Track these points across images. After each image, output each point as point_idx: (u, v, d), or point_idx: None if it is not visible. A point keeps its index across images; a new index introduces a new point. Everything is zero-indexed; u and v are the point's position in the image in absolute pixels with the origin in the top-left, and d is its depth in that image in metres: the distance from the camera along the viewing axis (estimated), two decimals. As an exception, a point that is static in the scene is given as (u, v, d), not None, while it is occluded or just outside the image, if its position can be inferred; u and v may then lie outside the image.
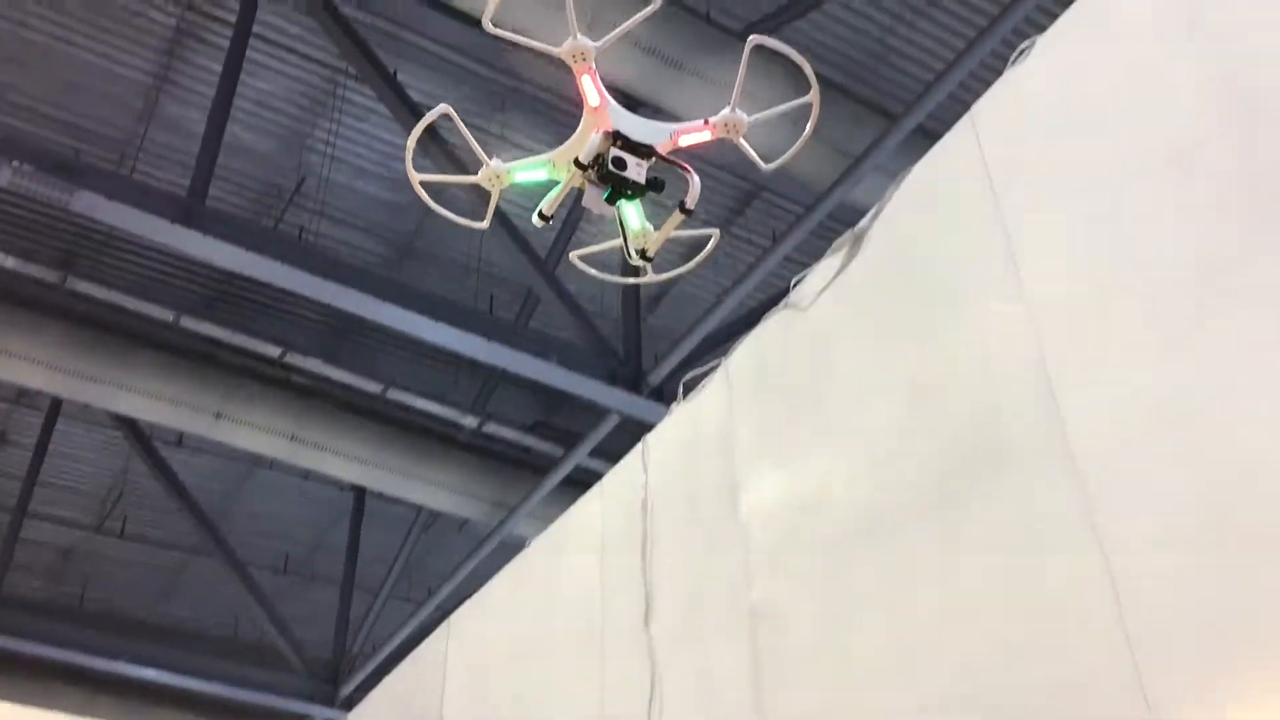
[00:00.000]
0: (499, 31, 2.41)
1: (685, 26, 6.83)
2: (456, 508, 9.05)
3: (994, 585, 3.11)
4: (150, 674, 8.84)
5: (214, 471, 9.92)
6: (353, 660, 9.47)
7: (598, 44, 2.33)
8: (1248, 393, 2.58)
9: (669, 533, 4.20)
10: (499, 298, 8.93)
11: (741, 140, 2.64)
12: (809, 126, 2.70)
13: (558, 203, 2.60)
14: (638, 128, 2.41)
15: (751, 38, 2.59)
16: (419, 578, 10.51)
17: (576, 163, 2.40)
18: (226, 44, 7.19)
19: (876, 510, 3.44)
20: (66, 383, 7.70)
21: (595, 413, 7.80)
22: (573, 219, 8.29)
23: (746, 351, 3.97)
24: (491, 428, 8.79)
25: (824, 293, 3.61)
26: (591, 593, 4.48)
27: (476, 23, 7.01)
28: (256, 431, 8.30)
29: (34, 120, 7.71)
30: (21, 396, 9.25)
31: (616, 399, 7.41)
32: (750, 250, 8.59)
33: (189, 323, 7.91)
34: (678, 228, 2.65)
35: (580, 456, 8.11)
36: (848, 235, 3.52)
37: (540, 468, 8.92)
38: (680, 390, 4.17)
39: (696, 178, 2.53)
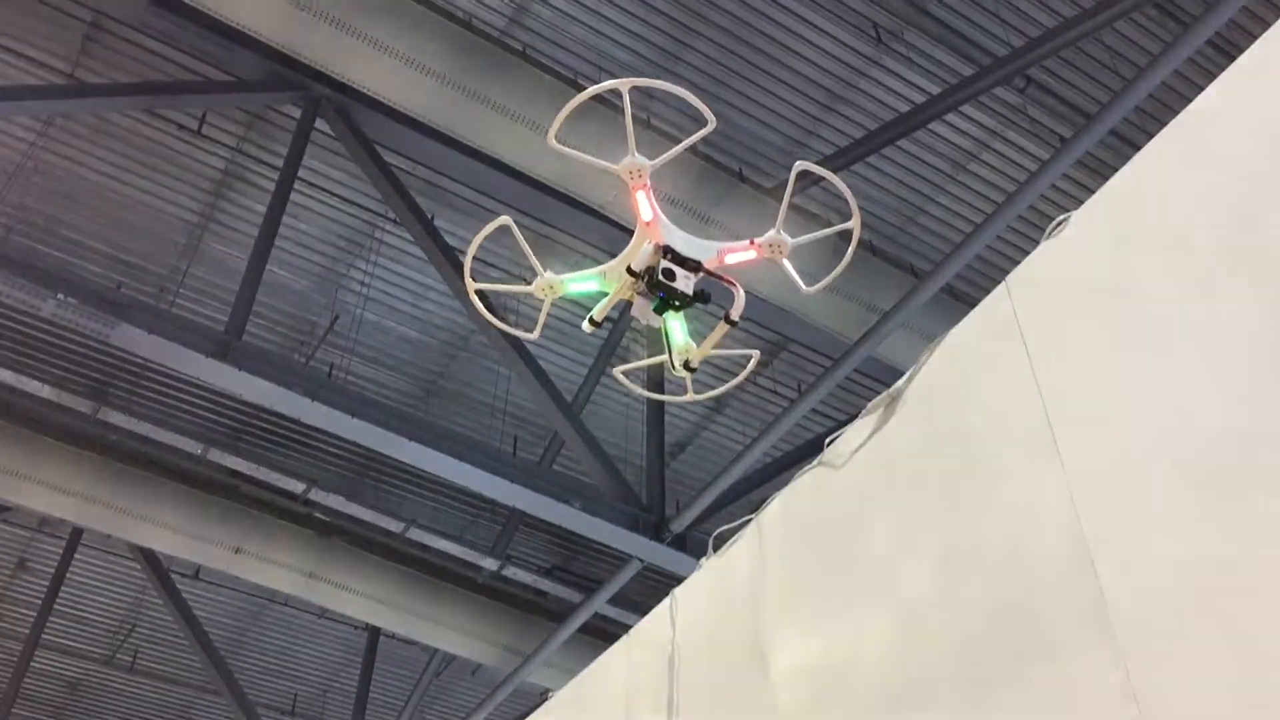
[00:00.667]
0: (561, 148, 2.50)
1: (717, 182, 7.01)
2: (471, 652, 8.91)
3: (1032, 762, 3.03)
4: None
5: (228, 606, 9.83)
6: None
7: (654, 162, 2.45)
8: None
9: (696, 690, 4.12)
10: (523, 439, 8.96)
11: (784, 261, 2.73)
12: (851, 246, 2.85)
13: (607, 309, 2.71)
14: (687, 244, 2.51)
15: (798, 164, 2.75)
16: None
17: (629, 270, 2.51)
18: (272, 186, 7.40)
19: (907, 680, 3.38)
20: (91, 512, 7.71)
21: (614, 559, 7.74)
22: (602, 353, 8.35)
23: (778, 508, 3.96)
24: (511, 571, 8.72)
25: (858, 452, 3.62)
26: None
27: (514, 172, 7.25)
28: (275, 568, 8.25)
29: (80, 254, 7.91)
30: (43, 524, 9.24)
31: (638, 546, 7.35)
32: (776, 401, 8.63)
33: (215, 455, 7.95)
34: (719, 344, 2.77)
35: (599, 603, 8.02)
36: (884, 396, 3.54)
37: (556, 613, 8.82)
38: (711, 544, 4.15)
39: (741, 291, 2.64)
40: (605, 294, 2.71)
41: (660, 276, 2.50)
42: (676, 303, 2.58)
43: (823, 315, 7.51)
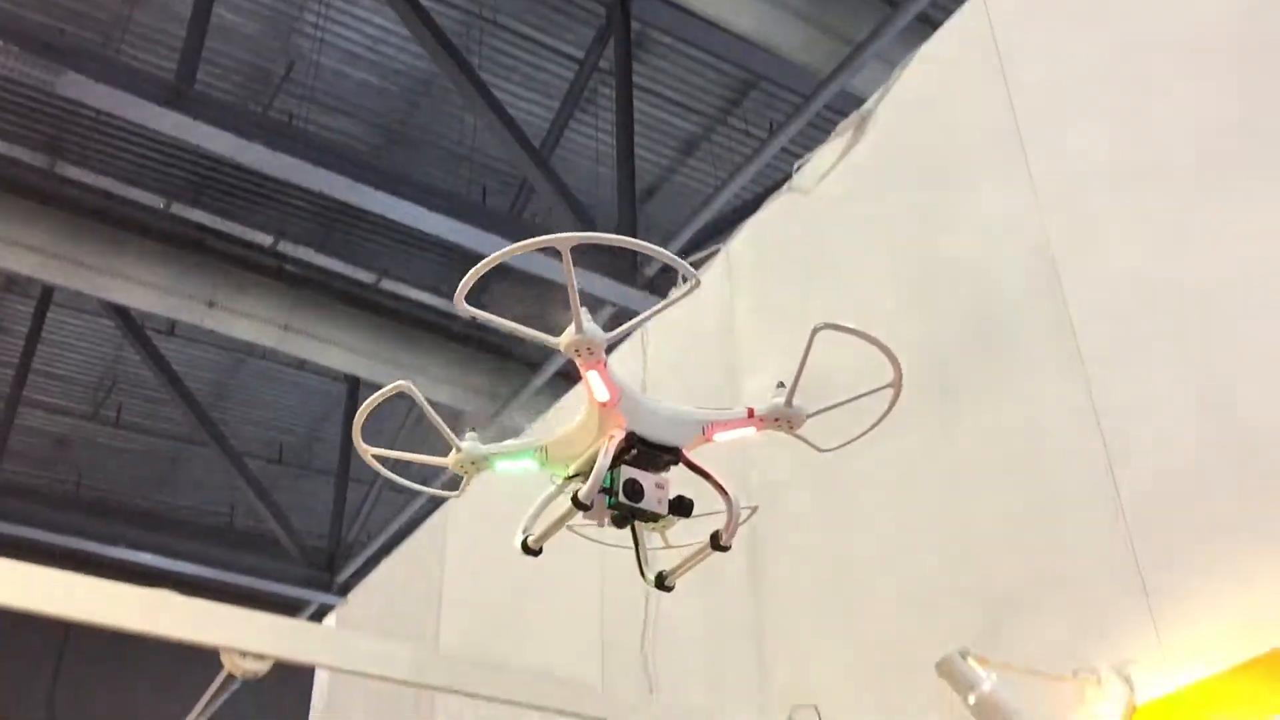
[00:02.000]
0: (477, 313, 1.81)
1: None
2: (450, 399, 9.07)
3: (993, 470, 3.14)
4: (147, 559, 8.94)
5: (207, 360, 9.91)
6: (349, 548, 9.59)
7: (610, 335, 1.77)
8: (1246, 276, 2.58)
9: (667, 418, 4.22)
10: (491, 187, 8.84)
11: (797, 434, 2.09)
12: (890, 404, 2.04)
13: (551, 533, 1.84)
14: (660, 425, 1.81)
15: (816, 324, 1.90)
16: (414, 470, 10.59)
17: (575, 502, 1.74)
18: (212, -79, 6.97)
19: (876, 397, 3.45)
20: (58, 268, 7.64)
21: (589, 303, 7.78)
22: (569, 96, 8.14)
23: (748, 236, 3.95)
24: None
25: (828, 176, 3.57)
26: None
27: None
28: (250, 321, 8.27)
29: (17, 1, 7.52)
30: (13, 285, 9.18)
31: (610, 290, 7.38)
32: (748, 142, 8.48)
33: (179, 209, 7.82)
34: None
35: (574, 348, 8.11)
36: (853, 117, 3.47)
37: (534, 360, 8.93)
38: (680, 275, 4.14)
39: (736, 504, 1.91)
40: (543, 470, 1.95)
41: (622, 496, 1.76)
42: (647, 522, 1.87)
43: (795, 49, 7.28)
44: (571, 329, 1.71)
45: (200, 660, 2.43)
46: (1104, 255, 2.90)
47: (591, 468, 1.77)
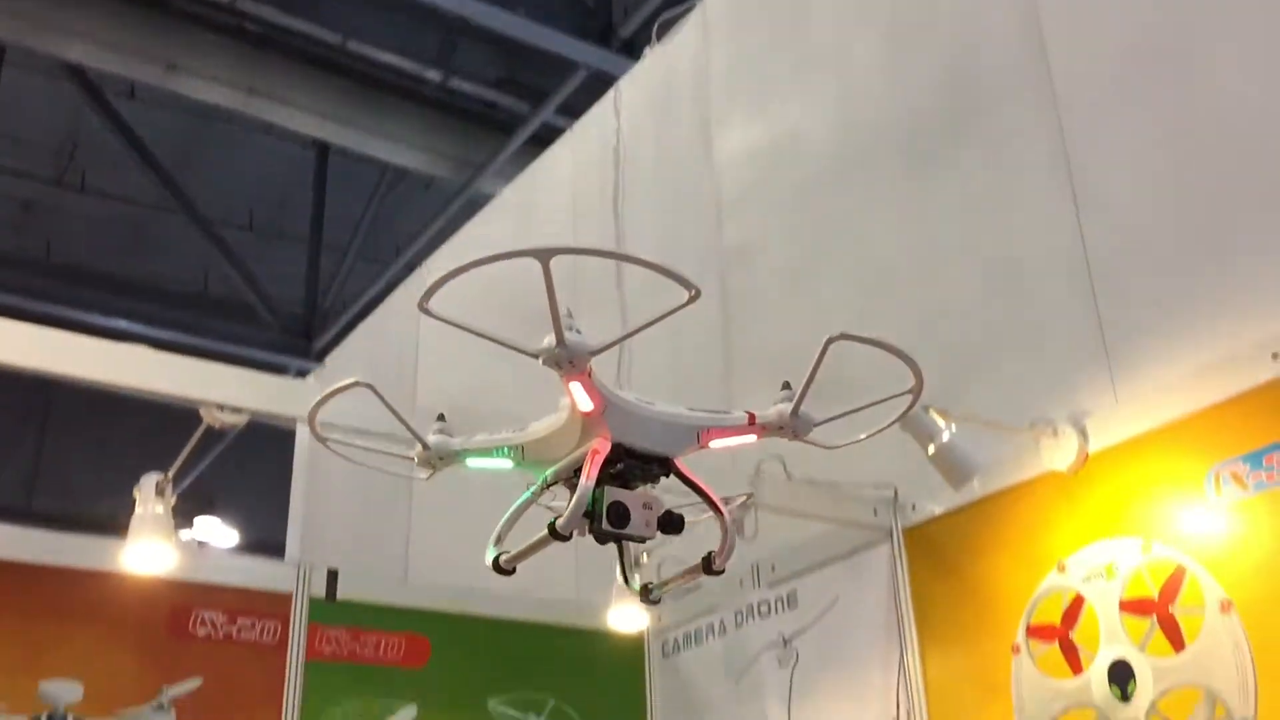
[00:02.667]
0: (444, 317, 1.51)
1: None
2: (422, 165, 8.92)
3: (963, 229, 3.15)
4: (121, 324, 8.97)
5: (170, 125, 9.65)
6: (325, 315, 9.63)
7: (596, 347, 1.48)
8: (1225, 38, 2.53)
9: (641, 180, 4.18)
10: (461, -58, 8.43)
11: (804, 440, 1.81)
12: (908, 406, 1.68)
13: (526, 556, 1.60)
14: (649, 433, 1.58)
15: (831, 335, 1.51)
16: (387, 239, 10.50)
17: (551, 532, 1.51)
18: None
19: (850, 153, 3.43)
20: (7, 24, 7.33)
21: (563, 68, 7.57)
22: None
23: (725, -10, 3.82)
24: (456, 83, 8.53)
25: (809, -75, 3.43)
26: (564, 239, 4.51)
27: None
28: (212, 84, 8.01)
29: None
30: (-39, 43, 8.82)
31: (585, 53, 7.17)
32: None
33: (132, -37, 7.44)
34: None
35: (547, 113, 7.94)
36: None
37: (507, 125, 8.73)
38: (654, 33, 4.02)
39: (731, 527, 1.65)
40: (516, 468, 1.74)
41: (606, 522, 1.53)
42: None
43: None
44: (551, 338, 1.45)
45: (180, 427, 2.47)
46: (1093, 19, 2.82)
47: (571, 474, 1.57)
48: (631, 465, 1.56)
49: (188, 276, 10.79)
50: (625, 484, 1.56)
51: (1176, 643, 2.34)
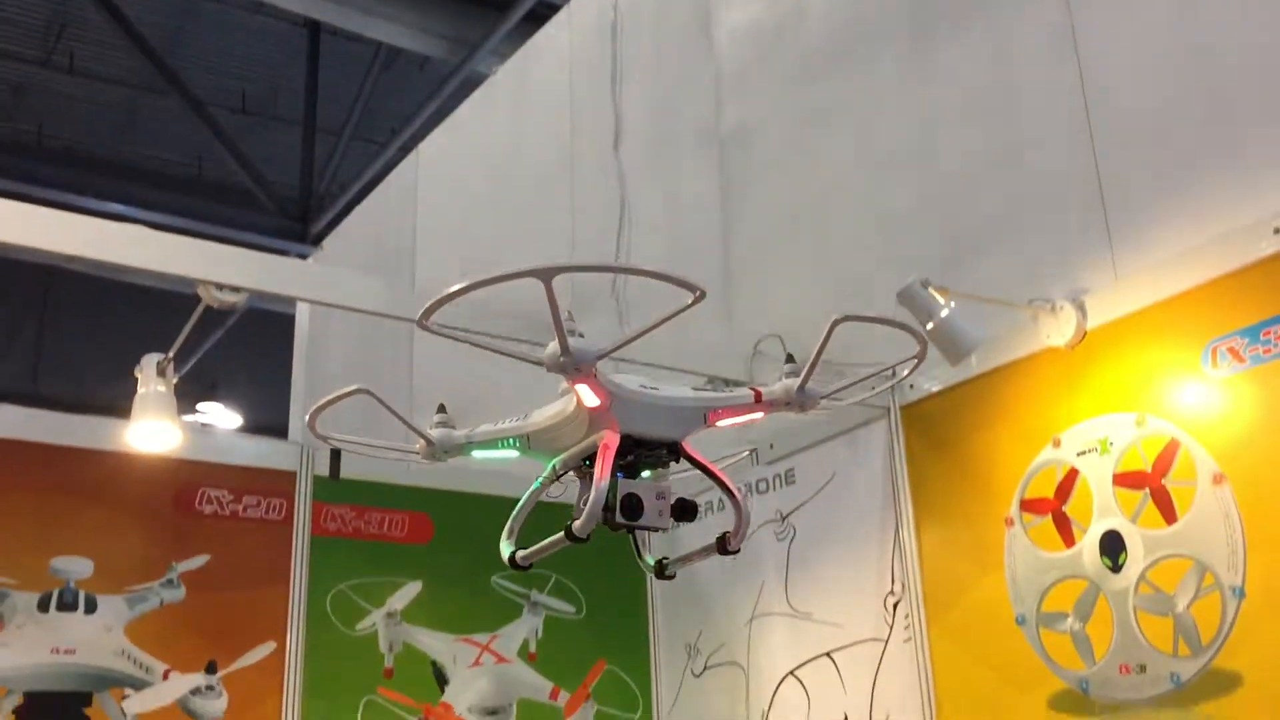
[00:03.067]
0: (444, 330, 1.46)
1: None
2: (416, 44, 8.74)
3: (966, 103, 3.11)
4: (117, 209, 8.90)
5: (158, 5, 9.45)
6: (321, 198, 9.56)
7: (602, 351, 1.45)
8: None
9: (639, 56, 4.11)
10: None
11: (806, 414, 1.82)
12: (910, 371, 1.65)
13: (543, 553, 1.58)
14: (656, 420, 1.56)
15: (836, 316, 1.58)
16: (382, 120, 10.35)
17: (568, 533, 1.51)
18: None
19: (854, 29, 3.36)
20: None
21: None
22: None
23: None
24: (449, -42, 8.32)
25: None
26: (561, 119, 4.45)
27: None
28: (198, -42, 7.82)
29: None
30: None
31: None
32: None
33: None
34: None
35: (544, -11, 7.76)
36: None
37: (501, 2, 8.54)
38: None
39: (746, 507, 1.69)
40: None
41: (621, 515, 1.53)
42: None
43: None
44: (555, 346, 1.43)
45: (181, 313, 2.46)
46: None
47: (580, 462, 1.58)
48: (641, 454, 1.56)
49: (182, 160, 10.67)
50: (636, 473, 1.57)
51: (1168, 515, 2.38)
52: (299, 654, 3.25)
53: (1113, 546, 2.48)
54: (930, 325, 2.56)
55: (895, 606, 2.99)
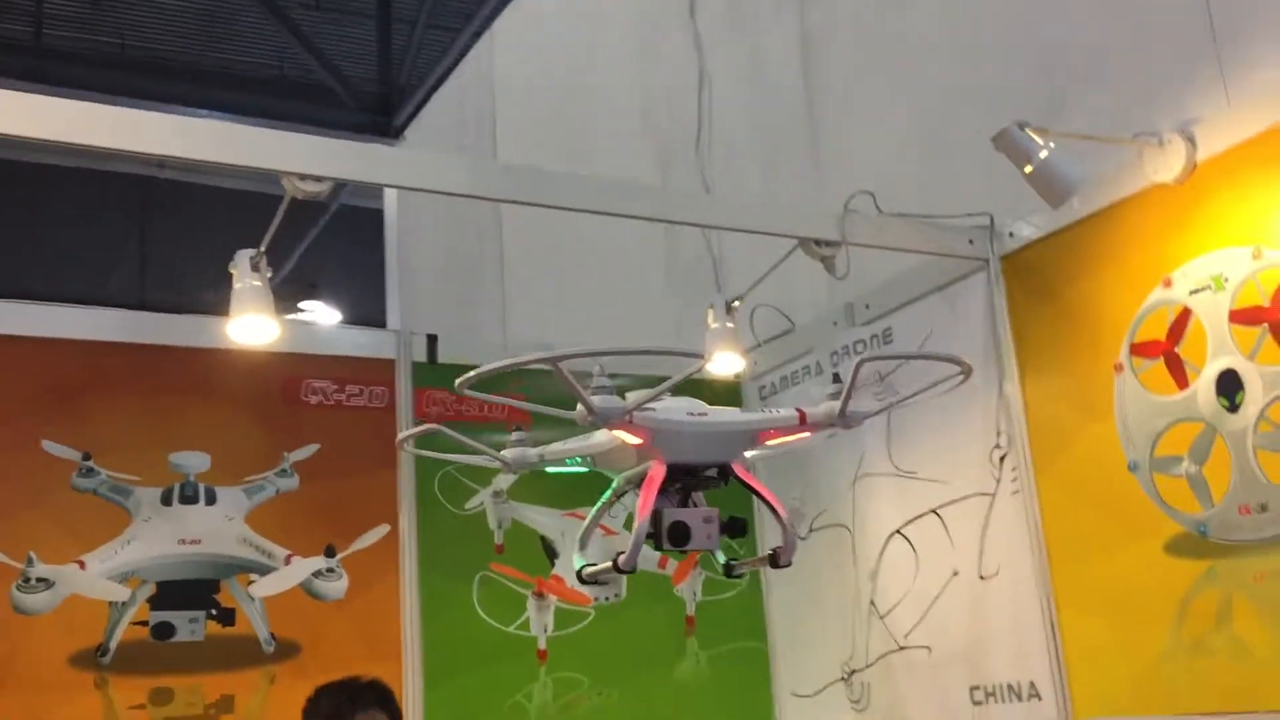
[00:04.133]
0: (485, 397, 1.70)
1: None
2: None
3: (1060, -70, 2.93)
4: (203, 114, 8.99)
5: (227, -95, 9.38)
6: (401, 90, 9.51)
7: (626, 407, 1.54)
8: None
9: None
10: None
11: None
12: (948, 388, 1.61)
13: (602, 573, 1.69)
14: (704, 446, 1.62)
15: (862, 356, 1.54)
16: (455, 5, 10.24)
17: (616, 565, 1.61)
18: None
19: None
20: None
21: None
22: None
23: None
24: None
25: None
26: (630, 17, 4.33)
27: None
28: None
29: None
30: None
31: None
32: None
33: None
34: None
35: None
36: None
37: None
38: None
39: (792, 528, 1.77)
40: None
41: (668, 543, 1.62)
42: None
43: None
44: (582, 409, 1.54)
45: (271, 210, 2.46)
46: None
47: (636, 484, 1.66)
48: (690, 481, 1.64)
49: (263, 62, 10.70)
50: (687, 497, 1.65)
51: (1288, 350, 2.28)
52: (412, 535, 3.34)
53: (1229, 386, 2.38)
54: (1028, 169, 2.46)
55: (1002, 460, 2.94)
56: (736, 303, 3.25)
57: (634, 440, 1.60)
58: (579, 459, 1.73)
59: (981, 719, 2.94)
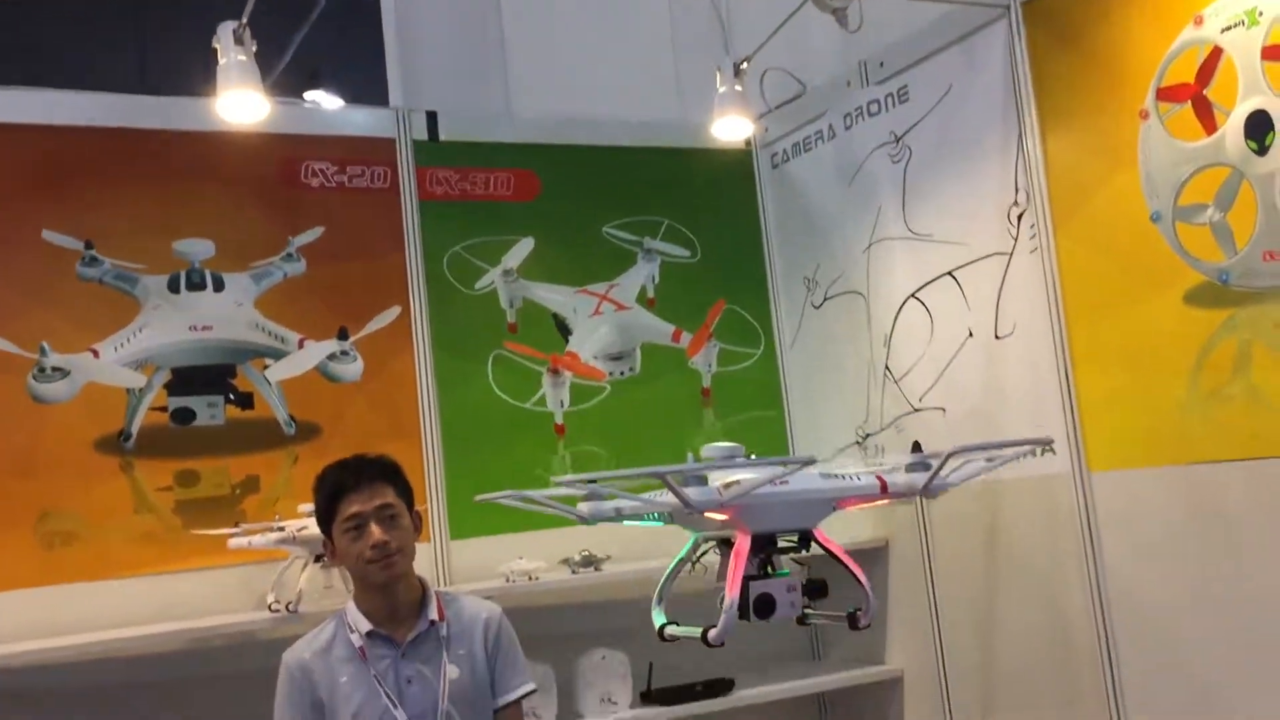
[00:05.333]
0: (489, 498, 1.72)
1: None
2: None
3: None
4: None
5: None
6: None
7: (724, 500, 1.55)
8: None
9: None
10: None
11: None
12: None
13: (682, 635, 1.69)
14: (785, 514, 1.62)
15: (950, 451, 1.64)
16: None
17: (704, 639, 1.59)
18: None
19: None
20: None
21: None
22: None
23: None
24: None
25: None
26: None
27: None
28: None
29: None
30: None
31: None
32: None
33: None
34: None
35: None
36: None
37: None
38: None
39: (871, 596, 1.69)
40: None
41: (755, 615, 1.60)
42: None
43: None
44: (676, 502, 1.53)
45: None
46: None
47: (717, 538, 1.67)
48: (774, 550, 1.63)
49: None
50: (768, 560, 1.64)
51: (1323, 85, 2.17)
52: (424, 315, 3.33)
53: (1259, 127, 2.28)
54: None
55: (1019, 218, 2.87)
56: (745, 64, 3.12)
57: (721, 518, 1.62)
58: (654, 517, 1.70)
59: (994, 475, 2.96)
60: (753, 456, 1.64)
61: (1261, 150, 2.28)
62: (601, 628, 3.31)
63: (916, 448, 1.60)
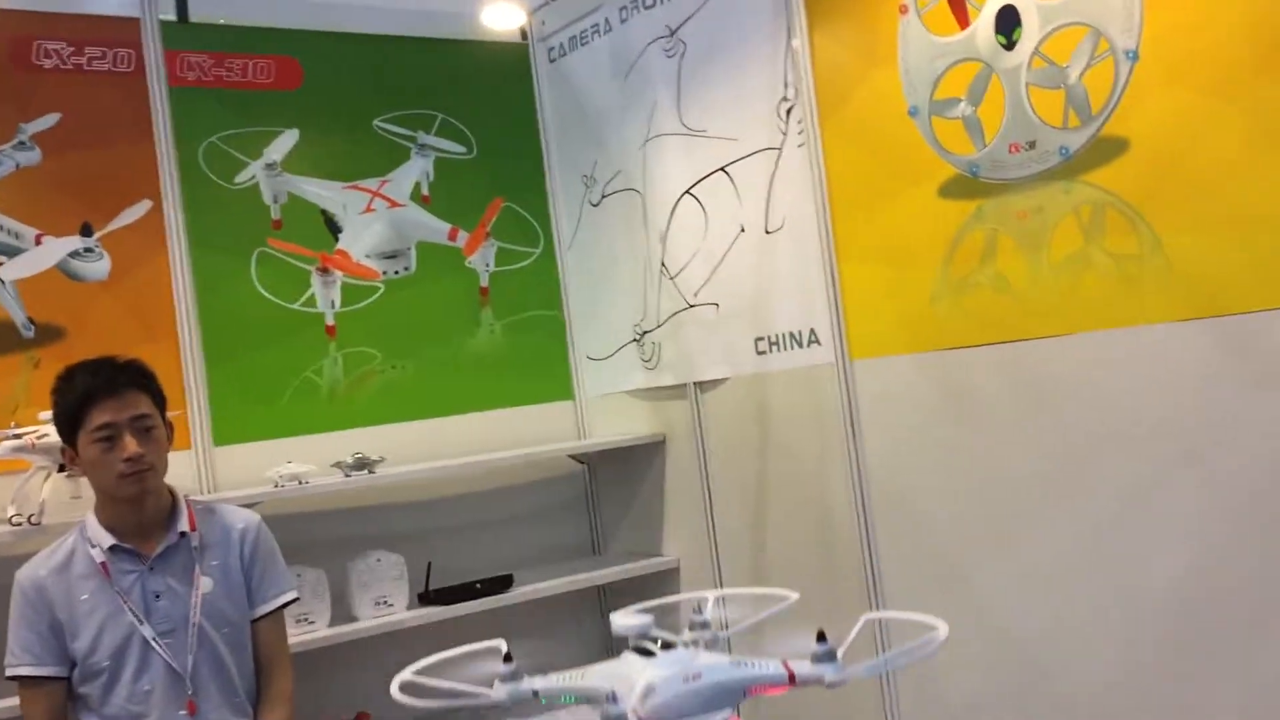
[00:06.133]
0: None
1: None
2: None
3: None
4: None
5: None
6: None
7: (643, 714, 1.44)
8: None
9: None
10: None
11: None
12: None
13: None
14: (694, 704, 1.55)
15: (865, 615, 1.27)
16: None
17: None
18: None
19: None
20: None
21: None
22: None
23: None
24: None
25: None
26: None
27: None
28: None
29: None
30: None
31: None
32: None
33: None
34: None
35: None
36: None
37: None
38: None
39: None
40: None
41: None
42: None
43: None
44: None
45: None
46: None
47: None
48: None
49: None
50: None
51: (1066, -16, 2.25)
52: (178, 210, 3.12)
53: (1008, 22, 2.36)
54: None
55: (789, 113, 2.90)
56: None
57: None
58: (572, 697, 1.63)
59: (764, 367, 3.03)
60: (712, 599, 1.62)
61: (1010, 45, 2.35)
62: (379, 532, 3.25)
63: (821, 638, 1.58)
